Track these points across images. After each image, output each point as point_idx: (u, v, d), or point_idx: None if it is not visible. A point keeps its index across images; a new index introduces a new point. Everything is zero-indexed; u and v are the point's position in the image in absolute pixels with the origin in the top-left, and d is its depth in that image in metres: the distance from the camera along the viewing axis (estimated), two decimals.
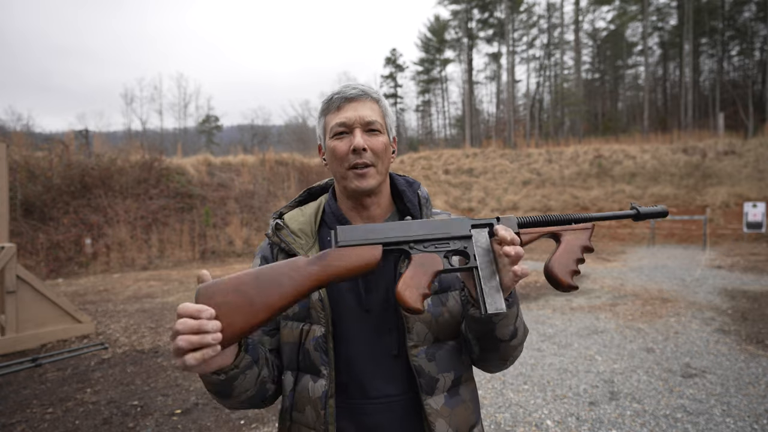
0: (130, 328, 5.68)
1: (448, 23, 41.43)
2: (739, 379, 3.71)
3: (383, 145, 0.95)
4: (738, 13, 32.29)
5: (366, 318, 0.93)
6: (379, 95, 1.00)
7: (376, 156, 0.94)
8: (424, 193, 1.04)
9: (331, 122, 0.96)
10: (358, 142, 0.91)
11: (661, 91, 40.00)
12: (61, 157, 13.22)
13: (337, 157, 0.94)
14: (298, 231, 0.99)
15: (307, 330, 0.93)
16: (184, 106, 44.23)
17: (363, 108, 0.95)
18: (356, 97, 0.95)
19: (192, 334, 0.65)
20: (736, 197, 16.16)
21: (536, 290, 7.69)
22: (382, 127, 0.96)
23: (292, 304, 0.75)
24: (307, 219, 1.01)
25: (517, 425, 3.07)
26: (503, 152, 24.52)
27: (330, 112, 0.97)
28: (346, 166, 0.93)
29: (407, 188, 1.04)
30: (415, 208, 1.00)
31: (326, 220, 1.02)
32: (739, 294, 7.02)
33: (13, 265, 4.78)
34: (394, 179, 1.06)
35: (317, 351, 0.91)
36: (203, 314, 0.66)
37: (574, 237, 0.87)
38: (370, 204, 0.98)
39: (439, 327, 0.94)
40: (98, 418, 3.25)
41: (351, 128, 0.93)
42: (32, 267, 10.18)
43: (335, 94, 0.97)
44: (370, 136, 0.94)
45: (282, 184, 17.86)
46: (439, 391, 0.92)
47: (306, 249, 0.96)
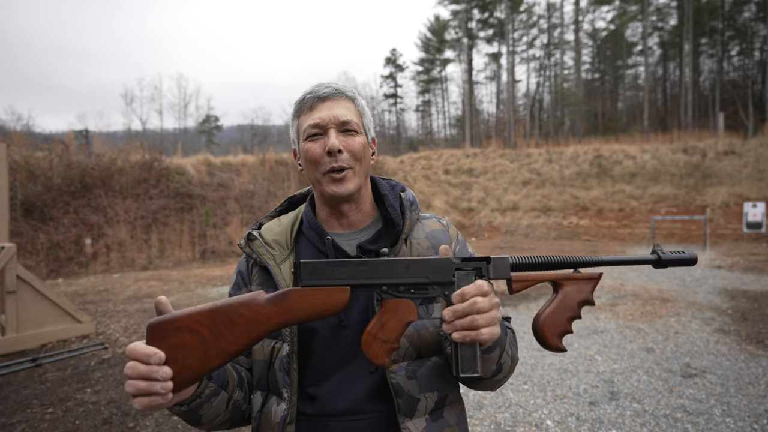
0: (130, 328, 5.68)
1: (448, 23, 41.44)
2: (739, 379, 3.71)
3: (360, 145, 0.89)
4: (738, 13, 32.29)
5: (341, 333, 0.86)
6: (355, 93, 0.94)
7: (354, 157, 0.88)
8: (408, 196, 0.97)
9: (304, 123, 0.90)
10: (332, 143, 0.85)
11: (661, 91, 40.01)
12: (61, 157, 13.22)
13: (312, 160, 0.88)
14: (272, 242, 0.93)
15: (278, 348, 0.87)
16: (184, 106, 44.27)
17: (337, 107, 0.89)
18: (329, 95, 0.89)
19: (140, 380, 0.62)
20: (736, 197, 16.17)
21: (536, 290, 7.69)
22: (358, 126, 0.90)
23: (249, 347, 0.70)
24: (283, 229, 0.96)
25: (517, 425, 3.07)
26: (503, 152, 24.53)
27: (303, 113, 0.91)
28: (322, 171, 0.87)
29: (389, 192, 0.97)
30: (396, 214, 0.93)
31: (303, 230, 0.96)
32: (739, 294, 7.02)
33: (13, 265, 4.78)
34: (377, 183, 0.99)
35: (281, 371, 0.85)
36: (152, 359, 0.62)
37: (575, 289, 0.76)
38: (348, 210, 0.92)
39: (421, 341, 0.86)
40: (98, 418, 3.25)
41: (325, 129, 0.87)
42: (32, 267, 10.18)
43: (307, 93, 0.91)
44: (345, 136, 0.88)
45: (282, 184, 17.87)
46: (420, 413, 0.84)
47: (279, 261, 0.90)
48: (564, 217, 18.54)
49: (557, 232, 17.83)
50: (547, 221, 18.55)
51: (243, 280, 0.96)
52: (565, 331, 0.76)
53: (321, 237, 0.91)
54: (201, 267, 12.10)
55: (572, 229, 17.79)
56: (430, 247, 0.94)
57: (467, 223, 19.47)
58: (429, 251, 0.94)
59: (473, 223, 19.52)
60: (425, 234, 0.96)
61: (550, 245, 15.55)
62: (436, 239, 0.96)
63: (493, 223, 19.33)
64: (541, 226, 18.35)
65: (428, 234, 0.97)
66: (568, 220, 18.35)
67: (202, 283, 9.22)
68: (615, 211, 17.88)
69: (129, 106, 49.11)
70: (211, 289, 8.50)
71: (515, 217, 19.30)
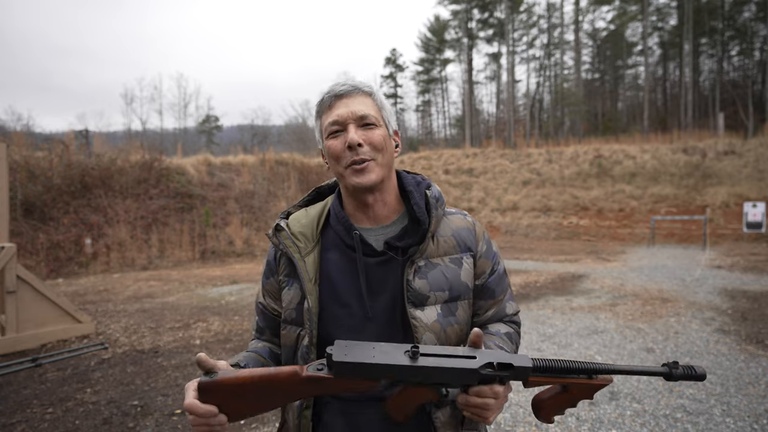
0: (130, 328, 5.68)
1: (448, 23, 41.44)
2: (739, 379, 3.71)
3: (380, 137, 0.90)
4: (738, 13, 32.29)
5: (367, 326, 0.90)
6: (372, 88, 0.95)
7: (375, 149, 0.90)
8: (434, 193, 0.98)
9: (325, 122, 0.92)
10: (351, 137, 0.87)
11: (661, 91, 40.01)
12: (61, 157, 13.22)
13: (334, 156, 0.91)
14: (299, 234, 0.96)
15: (303, 336, 0.92)
16: (184, 106, 44.26)
17: (354, 103, 0.91)
18: (347, 92, 0.92)
19: (204, 426, 0.73)
20: (736, 197, 16.17)
21: (536, 290, 7.69)
22: (377, 120, 0.92)
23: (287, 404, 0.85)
24: (309, 221, 0.98)
25: (517, 425, 3.07)
26: (503, 152, 24.53)
27: (323, 113, 0.94)
28: (344, 165, 0.90)
29: (414, 188, 0.98)
30: (422, 212, 0.94)
31: (330, 222, 0.98)
32: (739, 294, 7.02)
33: (13, 265, 4.78)
34: (402, 177, 1.01)
35: (302, 360, 0.90)
36: (209, 416, 0.72)
37: (581, 391, 0.80)
38: (373, 202, 0.94)
39: (447, 337, 0.91)
40: (98, 418, 3.25)
41: (344, 125, 0.90)
42: (32, 267, 10.18)
43: (325, 93, 0.93)
44: (365, 130, 0.90)
45: (282, 184, 17.87)
46: (446, 402, 0.89)
47: (304, 253, 0.94)
48: (564, 217, 18.54)
49: (557, 232, 17.83)
50: (547, 221, 18.55)
51: (271, 269, 1.01)
52: (558, 414, 0.83)
53: (348, 231, 0.93)
54: (201, 267, 12.10)
55: (572, 229, 17.80)
56: (455, 245, 0.97)
57: None
58: (454, 249, 0.96)
59: None
60: (451, 231, 0.98)
61: (550, 245, 15.54)
62: (461, 237, 0.98)
63: (493, 223, 19.33)
64: (541, 226, 18.35)
65: (454, 231, 0.98)
66: (568, 220, 18.35)
67: (202, 283, 9.22)
68: (615, 211, 17.89)
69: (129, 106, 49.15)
70: (211, 289, 8.50)
71: (515, 217, 19.30)
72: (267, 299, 1.02)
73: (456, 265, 0.95)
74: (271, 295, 1.01)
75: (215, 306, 6.95)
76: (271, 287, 1.01)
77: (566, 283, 8.32)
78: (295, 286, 0.94)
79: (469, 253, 0.98)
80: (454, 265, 0.95)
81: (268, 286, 1.02)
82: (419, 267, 0.91)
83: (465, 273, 0.95)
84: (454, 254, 0.96)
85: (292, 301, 0.94)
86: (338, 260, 0.94)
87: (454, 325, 0.92)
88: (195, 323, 5.89)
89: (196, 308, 6.79)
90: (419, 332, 0.87)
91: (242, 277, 9.75)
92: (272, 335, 1.03)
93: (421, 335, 0.88)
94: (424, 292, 0.90)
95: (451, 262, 0.95)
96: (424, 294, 0.90)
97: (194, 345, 5.01)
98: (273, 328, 1.02)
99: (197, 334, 5.44)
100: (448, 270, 0.93)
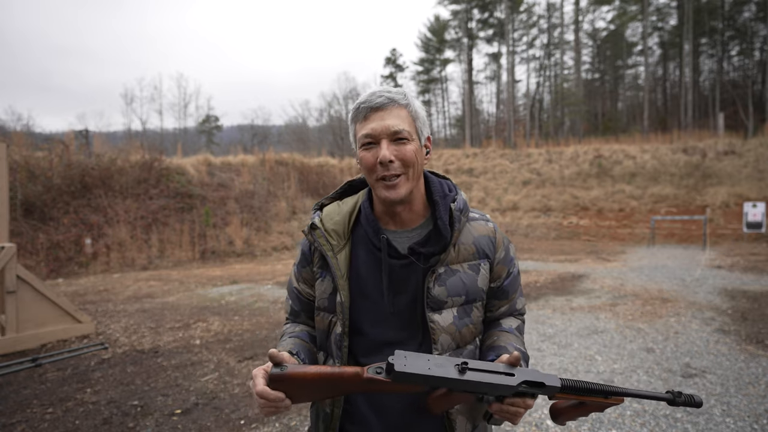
0: (130, 328, 5.68)
1: (448, 23, 41.43)
2: (739, 379, 3.71)
3: (412, 153, 0.94)
4: (738, 13, 32.30)
5: (390, 319, 0.98)
6: (408, 99, 0.98)
7: (406, 165, 0.94)
8: (459, 206, 1.01)
9: (359, 132, 0.96)
10: (383, 155, 0.91)
11: (661, 91, 40.01)
12: (62, 157, 13.22)
13: (366, 167, 0.96)
14: (332, 231, 1.02)
15: (334, 323, 1.00)
16: (184, 106, 44.23)
17: (389, 117, 0.93)
18: (382, 105, 0.94)
19: (272, 408, 0.82)
20: (736, 197, 16.17)
21: (536, 290, 7.69)
22: (410, 134, 0.94)
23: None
24: (342, 218, 1.04)
25: (517, 425, 3.07)
26: (503, 152, 24.53)
27: (358, 121, 0.97)
28: (375, 178, 0.95)
29: (441, 200, 1.02)
30: (445, 228, 0.98)
31: (361, 221, 1.04)
32: (739, 294, 7.02)
33: (13, 265, 4.78)
34: (431, 184, 1.05)
35: (335, 345, 1.00)
36: (278, 401, 0.81)
37: (596, 407, 0.90)
38: (401, 211, 1.00)
39: (461, 336, 0.99)
40: (98, 418, 3.25)
41: (377, 139, 0.93)
42: (32, 267, 10.18)
43: (362, 103, 0.96)
44: (398, 145, 0.93)
45: (282, 184, 17.87)
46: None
47: (337, 250, 1.00)
48: (564, 217, 18.54)
49: (557, 232, 17.83)
50: (547, 221, 18.55)
51: (306, 259, 1.08)
52: (571, 420, 0.94)
53: (377, 233, 0.99)
54: (201, 267, 12.10)
55: (572, 229, 17.80)
56: (475, 252, 1.03)
57: None
58: (473, 256, 1.02)
59: None
60: (472, 239, 1.03)
61: (550, 245, 15.54)
62: (481, 245, 1.04)
63: None
64: (541, 226, 18.35)
65: (475, 239, 1.03)
66: (568, 220, 18.35)
67: (202, 283, 9.22)
68: (615, 211, 17.89)
69: (129, 106, 49.00)
70: (211, 289, 8.50)
71: (515, 217, 19.30)
72: (302, 285, 1.09)
73: (474, 272, 1.01)
74: (306, 282, 1.08)
75: (215, 306, 6.95)
76: (306, 275, 1.08)
77: (566, 283, 8.32)
78: (327, 278, 1.02)
79: (486, 260, 1.04)
80: (472, 272, 1.01)
81: (304, 273, 1.09)
82: (439, 274, 0.97)
83: (481, 279, 1.02)
84: (473, 261, 1.02)
85: (325, 291, 1.02)
86: (366, 258, 1.01)
87: (469, 326, 1.00)
88: (195, 323, 5.89)
89: (196, 308, 6.79)
90: (436, 334, 0.95)
91: (242, 277, 9.75)
92: (308, 318, 1.10)
93: (438, 336, 0.96)
94: (443, 297, 0.97)
95: (470, 269, 1.01)
96: (442, 299, 0.97)
97: (194, 345, 5.01)
98: (308, 311, 1.09)
99: (197, 334, 5.44)
100: (466, 276, 1.00)
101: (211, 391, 3.70)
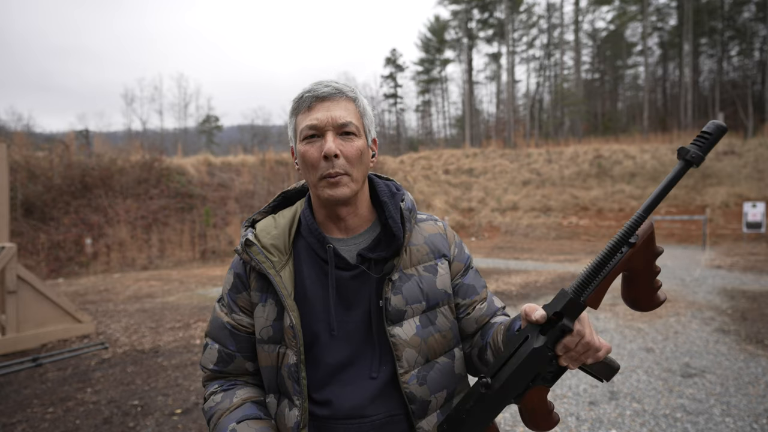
0: (131, 328, 5.68)
1: (448, 23, 41.46)
2: (738, 379, 3.72)
3: (358, 150, 0.85)
4: (738, 14, 32.30)
5: (341, 339, 0.87)
6: (356, 93, 0.90)
7: (350, 163, 0.85)
8: (407, 205, 0.94)
9: (302, 124, 0.86)
10: (329, 147, 0.82)
11: (660, 91, 40.00)
12: (62, 157, 13.23)
13: (308, 164, 0.85)
14: (270, 246, 0.90)
15: (283, 353, 0.87)
16: (184, 106, 44.26)
17: (336, 108, 0.85)
18: (329, 95, 0.85)
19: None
20: (735, 197, 16.18)
21: (536, 290, 7.69)
22: (357, 129, 0.86)
23: None
24: (280, 231, 0.92)
25: (517, 425, 3.07)
26: (503, 152, 24.54)
27: (300, 112, 0.87)
28: (318, 176, 0.85)
29: (389, 200, 0.93)
30: (398, 227, 0.90)
31: (302, 233, 0.93)
32: (738, 294, 7.02)
33: (14, 265, 4.79)
34: (376, 186, 0.96)
35: (290, 379, 0.86)
36: None
37: (639, 260, 0.73)
38: (345, 214, 0.90)
39: (428, 348, 0.89)
40: (98, 417, 3.26)
41: (322, 131, 0.84)
42: (33, 267, 10.18)
43: (306, 92, 0.86)
44: (344, 139, 0.84)
45: (282, 184, 17.87)
46: (432, 410, 0.89)
47: (279, 267, 0.88)
48: (564, 217, 18.55)
49: (557, 232, 17.84)
50: (547, 221, 18.55)
51: (243, 283, 0.93)
52: (657, 289, 0.73)
53: (321, 243, 0.89)
54: (201, 267, 12.11)
55: (572, 229, 17.81)
56: (429, 252, 0.94)
57: (467, 223, 19.48)
58: (428, 256, 0.94)
59: (473, 223, 19.53)
60: (423, 239, 0.95)
61: (549, 245, 15.55)
62: (434, 244, 0.96)
63: (493, 223, 19.34)
64: (541, 226, 18.36)
65: (426, 239, 0.96)
66: (567, 220, 18.36)
67: (203, 282, 9.23)
68: (615, 211, 17.89)
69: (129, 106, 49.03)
70: (211, 289, 8.51)
71: (515, 217, 19.31)
72: (238, 316, 0.93)
73: (431, 273, 0.93)
74: (243, 310, 0.93)
75: None
76: (243, 302, 0.93)
77: (566, 282, 8.32)
78: (270, 301, 0.89)
79: (443, 258, 0.96)
80: (428, 273, 0.92)
81: (239, 300, 0.93)
82: (393, 282, 0.88)
83: (441, 279, 0.94)
84: (428, 262, 0.94)
85: (269, 318, 0.89)
86: (311, 273, 0.90)
87: (435, 335, 0.90)
88: (195, 323, 5.89)
89: (196, 308, 6.80)
90: (399, 349, 0.86)
91: None
92: (244, 360, 0.93)
93: (401, 352, 0.86)
94: (401, 307, 0.87)
95: (426, 271, 0.92)
96: (401, 309, 0.88)
97: (194, 345, 5.02)
98: (246, 349, 0.93)
99: (197, 334, 5.44)
100: (422, 280, 0.91)
101: None
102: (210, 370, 0.94)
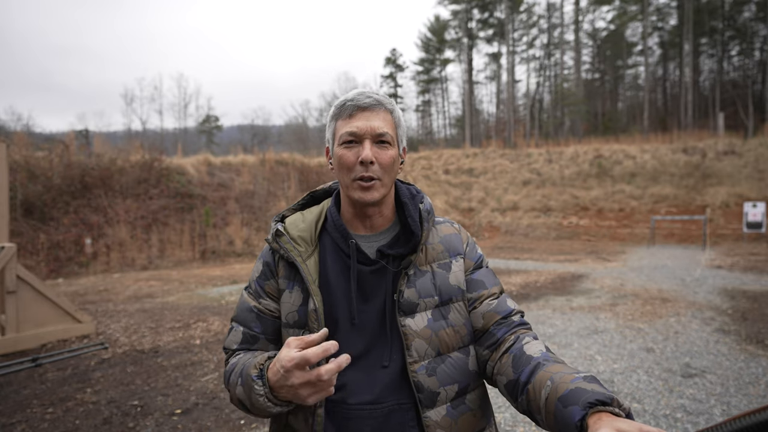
0: (131, 328, 5.68)
1: (448, 23, 41.47)
2: (739, 379, 3.71)
3: (391, 159, 0.94)
4: (738, 13, 32.31)
5: (357, 329, 0.93)
6: (393, 105, 0.98)
7: (383, 170, 0.93)
8: (426, 207, 1.02)
9: (342, 129, 0.94)
10: (366, 154, 0.90)
11: (661, 91, 40.01)
12: (62, 157, 13.23)
13: (344, 166, 0.93)
14: (298, 238, 0.99)
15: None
16: (184, 106, 44.28)
17: (375, 118, 0.93)
18: (369, 106, 0.94)
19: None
20: (735, 197, 16.17)
21: (536, 290, 7.69)
22: (392, 139, 0.95)
23: None
24: (307, 225, 1.01)
25: (517, 425, 3.07)
26: (503, 152, 24.53)
27: (341, 118, 0.95)
28: (352, 177, 0.92)
29: (409, 201, 1.02)
30: (416, 225, 0.98)
31: (327, 228, 1.01)
32: (739, 294, 7.02)
33: (14, 265, 4.78)
34: (398, 189, 1.04)
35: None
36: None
37: None
38: (372, 214, 0.98)
39: (439, 341, 0.93)
40: (98, 417, 3.25)
41: (361, 138, 0.92)
42: (32, 267, 10.18)
43: (348, 100, 0.94)
44: (379, 148, 0.93)
45: (282, 184, 17.87)
46: (441, 402, 0.91)
47: (305, 257, 0.96)
48: (564, 217, 18.55)
49: (557, 232, 17.84)
50: (547, 221, 18.55)
51: (270, 271, 1.01)
52: None
53: (345, 238, 0.97)
54: (201, 267, 12.11)
55: (572, 229, 17.81)
56: (444, 250, 1.01)
57: (467, 223, 19.47)
58: (443, 255, 1.00)
59: (473, 223, 19.53)
60: (439, 239, 1.02)
61: (550, 245, 15.55)
62: (450, 243, 1.03)
63: (493, 222, 19.34)
64: (541, 226, 18.36)
65: (442, 239, 1.03)
66: (568, 220, 18.36)
67: (203, 283, 9.22)
68: (615, 211, 17.89)
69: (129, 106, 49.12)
70: (211, 289, 8.51)
71: (515, 217, 19.31)
72: (265, 301, 1.00)
73: (444, 270, 0.99)
74: (270, 296, 1.01)
75: (215, 306, 6.95)
76: (271, 288, 1.01)
77: (566, 283, 8.32)
78: (296, 288, 0.97)
79: (458, 255, 1.02)
80: (442, 270, 0.98)
81: (267, 287, 1.01)
82: (408, 276, 0.95)
83: (454, 276, 0.99)
84: (443, 260, 1.00)
85: (294, 303, 0.96)
86: (334, 265, 0.97)
87: (447, 329, 0.95)
88: (195, 323, 5.89)
89: (196, 308, 6.79)
90: (409, 339, 0.92)
91: (242, 277, 9.75)
92: (267, 342, 1.00)
93: (411, 342, 0.92)
94: (413, 300, 0.94)
95: (439, 268, 0.99)
96: (414, 302, 0.94)
97: (194, 345, 5.01)
98: (270, 332, 1.00)
99: (197, 334, 5.44)
100: (436, 276, 0.97)
101: (211, 391, 3.70)
102: (233, 350, 1.00)
